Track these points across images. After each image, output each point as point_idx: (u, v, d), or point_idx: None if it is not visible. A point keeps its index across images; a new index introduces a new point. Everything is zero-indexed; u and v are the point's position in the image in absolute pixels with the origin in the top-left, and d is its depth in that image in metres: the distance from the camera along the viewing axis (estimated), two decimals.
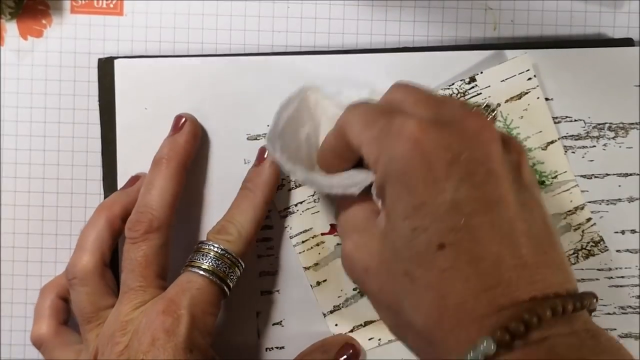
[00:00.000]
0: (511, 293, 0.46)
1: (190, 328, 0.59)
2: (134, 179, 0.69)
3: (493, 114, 0.56)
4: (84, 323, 0.64)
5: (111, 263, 0.67)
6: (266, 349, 0.71)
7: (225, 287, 0.63)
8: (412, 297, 0.49)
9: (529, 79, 0.68)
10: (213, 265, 0.62)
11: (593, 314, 0.67)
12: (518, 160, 0.53)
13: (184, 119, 0.68)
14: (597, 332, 0.47)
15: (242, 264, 0.64)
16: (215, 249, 0.63)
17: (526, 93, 0.68)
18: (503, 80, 0.68)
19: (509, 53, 0.69)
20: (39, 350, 0.68)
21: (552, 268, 0.49)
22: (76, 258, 0.65)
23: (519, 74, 0.68)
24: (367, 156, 0.54)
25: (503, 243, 0.48)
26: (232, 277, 0.63)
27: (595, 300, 0.49)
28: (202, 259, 0.62)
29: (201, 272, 0.62)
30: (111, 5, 0.72)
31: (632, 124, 0.70)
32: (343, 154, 0.59)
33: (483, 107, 0.56)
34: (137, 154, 0.70)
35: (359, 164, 0.59)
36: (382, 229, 0.52)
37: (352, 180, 0.58)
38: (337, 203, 0.62)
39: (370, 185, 0.56)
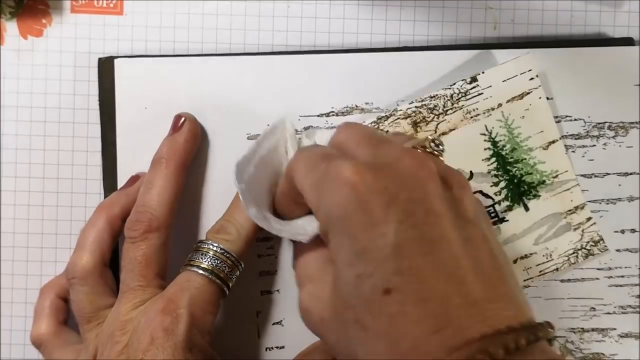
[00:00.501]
0: (462, 333, 0.45)
1: (190, 327, 0.59)
2: (134, 179, 0.69)
3: (439, 148, 0.56)
4: (83, 323, 0.64)
5: (111, 263, 0.67)
6: (266, 348, 0.71)
7: (224, 287, 0.62)
8: (365, 346, 0.48)
9: (531, 79, 0.68)
10: (212, 264, 0.62)
11: (594, 313, 0.67)
12: (459, 195, 0.52)
13: (183, 119, 0.68)
14: None
15: (242, 263, 0.64)
16: (215, 248, 0.62)
17: (528, 93, 0.68)
18: (505, 80, 0.68)
19: (509, 52, 0.69)
20: (38, 350, 0.68)
21: (502, 302, 0.47)
22: (76, 258, 0.65)
23: (521, 74, 0.68)
24: (309, 203, 0.54)
25: (449, 282, 0.47)
26: (231, 276, 0.63)
27: (551, 330, 0.48)
28: (202, 258, 0.62)
29: (200, 272, 0.61)
30: (111, 5, 0.72)
31: (632, 123, 0.70)
32: (294, 199, 0.59)
33: (430, 142, 0.56)
34: (137, 153, 0.70)
35: None
36: (332, 277, 0.52)
37: (302, 228, 0.58)
38: (294, 250, 0.62)
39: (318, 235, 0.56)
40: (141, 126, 0.70)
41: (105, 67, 0.70)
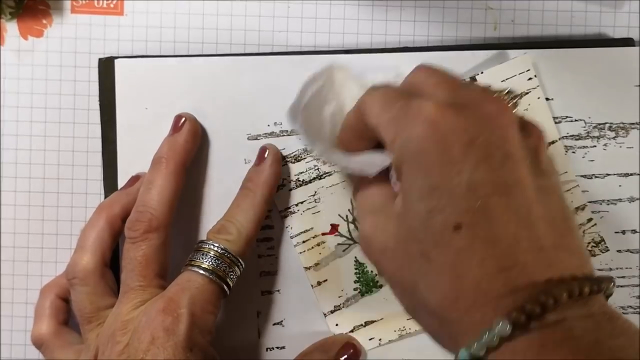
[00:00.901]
0: (527, 275, 0.46)
1: (190, 327, 0.59)
2: (134, 179, 0.69)
3: (514, 100, 0.56)
4: (84, 323, 0.64)
5: (112, 263, 0.67)
6: (267, 348, 0.71)
7: (225, 286, 0.63)
8: (428, 278, 0.49)
9: (530, 79, 0.68)
10: (213, 264, 0.62)
11: None
12: (536, 145, 0.52)
13: (183, 119, 0.68)
14: (614, 315, 0.46)
15: (242, 263, 0.64)
16: (215, 248, 0.63)
17: (526, 93, 0.68)
18: (503, 81, 0.68)
19: (509, 53, 0.69)
20: (39, 350, 0.68)
21: (568, 252, 0.48)
22: (76, 258, 0.65)
23: (520, 74, 0.68)
24: (384, 137, 0.54)
25: (520, 225, 0.47)
26: (232, 276, 0.63)
27: (612, 285, 0.48)
28: (202, 258, 0.63)
29: (201, 271, 0.62)
30: (112, 5, 0.72)
31: (633, 123, 0.70)
32: (362, 134, 0.58)
33: (505, 92, 0.56)
34: (138, 153, 0.70)
35: (379, 145, 0.58)
36: (399, 211, 0.52)
37: (370, 161, 0.57)
38: (355, 184, 0.61)
39: (388, 168, 0.56)
40: (141, 126, 0.70)
41: (106, 68, 0.70)
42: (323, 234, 0.69)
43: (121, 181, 0.70)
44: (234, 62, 0.70)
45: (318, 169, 0.68)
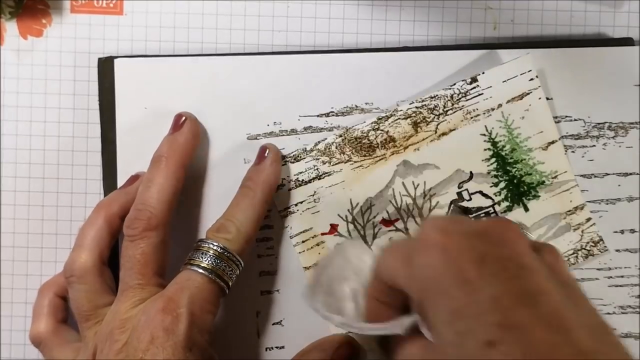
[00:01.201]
0: None
1: (190, 326, 0.59)
2: (134, 178, 0.69)
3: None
4: (82, 321, 0.64)
5: (110, 261, 0.67)
6: (266, 348, 0.71)
7: (224, 286, 0.63)
8: None
9: (531, 79, 0.68)
10: (212, 263, 0.62)
11: None
12: (551, 261, 0.51)
13: (184, 118, 0.68)
14: None
15: (242, 262, 0.64)
16: (215, 247, 0.63)
17: (528, 94, 0.68)
18: (505, 81, 0.68)
19: (509, 53, 0.69)
20: (37, 349, 0.68)
21: (612, 350, 0.46)
22: (74, 256, 0.65)
23: (521, 74, 0.68)
24: (402, 282, 0.52)
25: (555, 332, 0.45)
26: (231, 275, 0.63)
27: None
28: (202, 257, 0.62)
29: (200, 270, 0.62)
30: (111, 5, 0.72)
31: (632, 123, 0.70)
32: (386, 298, 0.57)
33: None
34: (137, 153, 0.70)
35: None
36: (434, 346, 0.50)
37: (398, 323, 0.57)
38: (390, 347, 0.60)
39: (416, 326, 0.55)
40: (141, 126, 0.70)
41: (105, 67, 0.70)
42: (322, 234, 0.69)
43: (121, 181, 0.70)
44: (234, 62, 0.70)
45: (317, 169, 0.68)
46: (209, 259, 0.62)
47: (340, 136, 0.68)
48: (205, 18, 0.72)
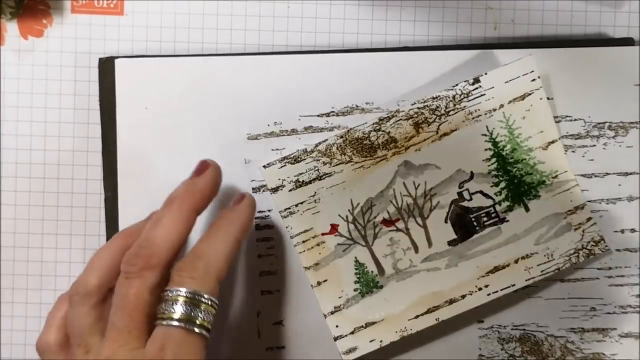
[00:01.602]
0: None
1: None
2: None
3: None
4: (74, 345, 0.62)
5: None
6: (266, 348, 0.71)
7: (204, 331, 0.59)
8: None
9: (533, 80, 0.68)
10: (184, 311, 0.58)
11: (594, 313, 0.67)
12: None
13: (209, 165, 0.65)
14: None
15: (216, 302, 0.60)
16: (183, 294, 0.58)
17: (529, 94, 0.68)
18: (507, 82, 0.68)
19: (509, 53, 0.69)
20: (40, 357, 0.67)
21: None
22: (83, 276, 0.62)
23: (523, 75, 0.68)
24: None
25: None
26: (207, 319, 0.59)
27: None
28: (172, 309, 0.58)
29: (174, 324, 0.57)
30: (112, 5, 0.72)
31: (632, 123, 0.70)
32: None
33: None
34: (138, 153, 0.70)
35: None
36: None
37: None
38: None
39: None
40: (141, 126, 0.70)
41: (106, 67, 0.70)
42: (323, 234, 0.69)
43: (121, 180, 0.71)
44: (234, 62, 0.70)
45: (318, 169, 0.68)
46: (179, 307, 0.58)
47: (341, 137, 0.68)
48: (206, 18, 0.72)
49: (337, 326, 0.69)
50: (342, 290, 0.69)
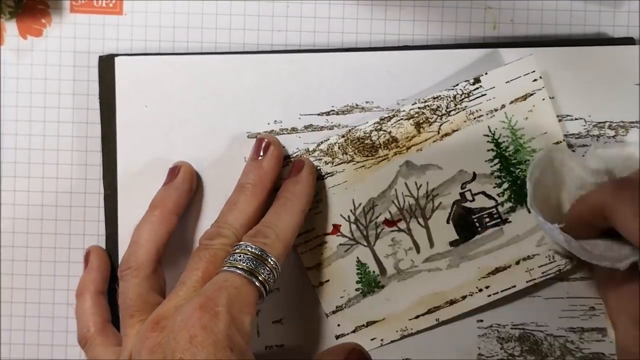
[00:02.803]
0: None
1: (229, 325, 0.56)
2: (172, 171, 0.69)
3: None
4: (126, 317, 0.63)
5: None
6: (265, 347, 0.71)
7: (262, 289, 0.60)
8: None
9: (535, 80, 0.68)
10: (250, 265, 0.60)
11: (593, 313, 0.67)
12: None
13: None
14: None
15: (279, 268, 0.62)
16: (253, 250, 0.61)
17: (531, 94, 0.68)
18: (508, 82, 0.68)
19: (509, 52, 0.69)
20: (82, 349, 0.67)
21: None
22: (131, 251, 0.65)
23: (525, 75, 0.68)
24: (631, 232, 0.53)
25: None
26: (268, 279, 0.61)
27: None
28: (239, 259, 0.60)
29: (238, 272, 0.59)
30: (111, 5, 0.72)
31: (633, 122, 0.70)
32: (595, 227, 0.58)
33: None
34: (137, 151, 0.70)
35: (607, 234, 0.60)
36: None
37: (617, 253, 0.57)
38: (602, 279, 0.61)
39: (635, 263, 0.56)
40: (141, 124, 0.70)
41: (106, 65, 0.70)
42: (325, 234, 0.69)
43: (120, 180, 0.71)
44: (234, 60, 0.70)
45: (320, 169, 0.68)
46: (246, 261, 0.60)
47: (343, 136, 0.68)
48: (205, 18, 0.72)
49: (338, 325, 0.69)
50: (344, 290, 0.69)
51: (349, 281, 0.69)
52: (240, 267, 0.60)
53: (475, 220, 0.69)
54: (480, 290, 0.68)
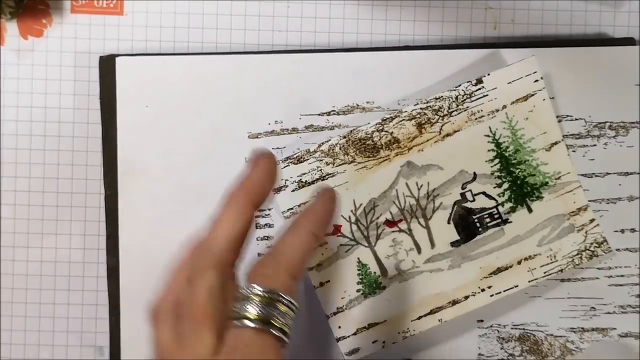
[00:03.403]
0: None
1: None
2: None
3: None
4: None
5: None
6: None
7: (282, 336, 0.53)
8: None
9: (536, 80, 0.68)
10: (261, 312, 0.52)
11: (594, 313, 0.68)
12: None
13: (260, 155, 0.59)
14: None
15: (295, 303, 0.54)
16: (259, 292, 0.53)
17: (532, 95, 0.68)
18: (510, 82, 0.68)
19: (510, 52, 0.69)
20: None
21: None
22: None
23: (526, 76, 0.68)
24: None
25: None
26: (286, 322, 0.53)
27: None
28: (246, 307, 0.52)
29: (249, 323, 0.52)
30: (111, 5, 0.72)
31: (633, 122, 0.70)
32: None
33: None
34: (137, 151, 0.70)
35: None
36: None
37: None
38: None
39: None
40: (142, 124, 0.70)
41: (107, 65, 0.70)
42: (325, 235, 0.69)
43: (121, 179, 0.71)
44: (235, 60, 0.70)
45: (321, 170, 0.68)
46: (254, 307, 0.52)
47: (344, 137, 0.68)
48: (206, 18, 0.72)
49: (339, 327, 0.69)
50: (345, 291, 0.69)
51: (349, 282, 0.69)
52: (250, 317, 0.52)
53: (476, 220, 0.69)
54: (483, 290, 0.68)
